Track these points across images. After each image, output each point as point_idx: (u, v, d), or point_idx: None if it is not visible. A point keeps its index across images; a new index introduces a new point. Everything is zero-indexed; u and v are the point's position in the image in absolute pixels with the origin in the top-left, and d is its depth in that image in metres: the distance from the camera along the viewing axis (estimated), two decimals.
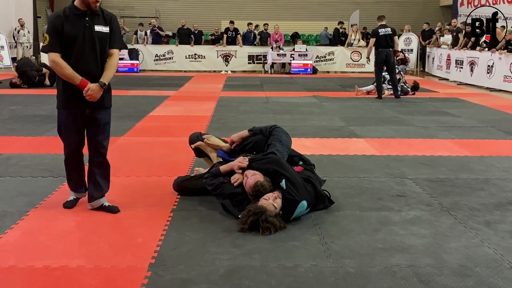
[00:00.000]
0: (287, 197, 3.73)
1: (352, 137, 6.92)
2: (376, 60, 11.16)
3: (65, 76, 3.69)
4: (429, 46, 18.01)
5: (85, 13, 3.72)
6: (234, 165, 4.01)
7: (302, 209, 3.78)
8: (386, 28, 11.05)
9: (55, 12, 3.91)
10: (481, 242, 3.50)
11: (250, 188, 3.77)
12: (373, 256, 3.24)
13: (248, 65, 18.47)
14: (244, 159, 3.98)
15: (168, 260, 3.15)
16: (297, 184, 3.80)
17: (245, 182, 3.82)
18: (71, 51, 3.70)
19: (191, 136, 4.68)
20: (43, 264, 3.08)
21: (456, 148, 6.32)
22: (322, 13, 22.50)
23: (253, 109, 9.42)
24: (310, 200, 3.85)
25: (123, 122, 7.77)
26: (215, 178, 4.03)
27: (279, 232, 3.57)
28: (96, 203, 3.98)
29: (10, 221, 3.76)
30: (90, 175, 3.98)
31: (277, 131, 4.26)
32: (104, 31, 3.81)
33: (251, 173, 3.84)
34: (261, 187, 3.72)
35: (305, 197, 3.79)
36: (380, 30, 11.02)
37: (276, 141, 4.14)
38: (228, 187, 3.94)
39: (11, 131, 7.07)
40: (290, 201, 3.73)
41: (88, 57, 3.74)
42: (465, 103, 10.66)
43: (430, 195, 4.48)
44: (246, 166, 3.92)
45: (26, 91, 11.59)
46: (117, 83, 13.40)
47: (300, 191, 3.78)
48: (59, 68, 3.68)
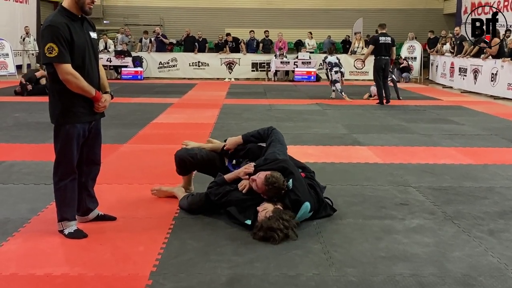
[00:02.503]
0: (292, 198, 3.74)
1: (355, 145, 6.90)
2: (376, 67, 11.46)
3: (81, 88, 3.45)
4: (433, 53, 18.02)
5: (80, 18, 3.51)
6: (240, 172, 4.00)
7: (305, 210, 3.78)
8: (387, 37, 11.33)
9: (53, 18, 3.42)
10: (485, 251, 3.47)
11: (262, 185, 3.73)
12: (376, 265, 3.22)
13: (251, 73, 18.51)
14: (249, 165, 3.98)
15: (169, 268, 3.13)
16: (302, 185, 3.84)
17: (255, 185, 3.81)
18: (83, 62, 3.49)
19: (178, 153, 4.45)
20: (44, 272, 3.07)
21: (460, 156, 6.30)
22: (325, 21, 22.58)
23: (256, 116, 9.42)
24: (313, 204, 3.85)
25: (126, 129, 7.78)
26: (221, 186, 4.00)
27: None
28: (92, 215, 3.90)
29: (12, 228, 3.75)
30: (83, 189, 3.77)
31: (275, 132, 4.30)
32: (95, 38, 3.67)
33: (257, 174, 3.84)
34: (273, 178, 3.70)
35: (308, 198, 3.82)
36: (381, 38, 11.31)
37: (276, 142, 4.18)
38: (235, 194, 3.92)
39: (15, 138, 7.09)
40: (295, 202, 3.74)
41: (93, 66, 3.61)
42: (469, 111, 10.64)
43: (433, 204, 4.46)
44: (252, 171, 3.91)
45: (30, 98, 11.62)
46: (121, 91, 13.46)
47: (304, 192, 3.80)
48: (75, 80, 3.40)
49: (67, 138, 3.52)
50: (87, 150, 3.71)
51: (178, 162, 4.35)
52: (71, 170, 3.60)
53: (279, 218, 3.57)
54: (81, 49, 3.47)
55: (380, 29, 11.59)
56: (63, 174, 3.58)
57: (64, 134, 3.52)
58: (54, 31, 3.34)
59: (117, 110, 9.68)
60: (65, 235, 3.60)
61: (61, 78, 3.40)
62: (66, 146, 3.54)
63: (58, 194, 3.62)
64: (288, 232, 3.55)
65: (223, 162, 4.36)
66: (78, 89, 3.45)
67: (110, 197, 4.50)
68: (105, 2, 23.80)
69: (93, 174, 3.84)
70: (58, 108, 3.50)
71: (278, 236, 3.50)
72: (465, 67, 14.91)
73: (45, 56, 3.36)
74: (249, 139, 4.33)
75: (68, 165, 3.57)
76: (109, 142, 6.79)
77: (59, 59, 3.36)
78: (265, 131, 4.31)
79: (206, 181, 4.39)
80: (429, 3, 23.70)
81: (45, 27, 3.38)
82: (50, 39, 3.34)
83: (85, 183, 3.79)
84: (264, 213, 3.66)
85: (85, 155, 3.71)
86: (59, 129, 3.54)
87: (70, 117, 3.50)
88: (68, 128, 3.51)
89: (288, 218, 3.61)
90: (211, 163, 4.34)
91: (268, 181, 3.70)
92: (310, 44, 19.83)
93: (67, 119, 3.50)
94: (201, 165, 4.36)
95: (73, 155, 3.57)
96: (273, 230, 3.51)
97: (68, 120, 3.51)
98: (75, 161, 3.60)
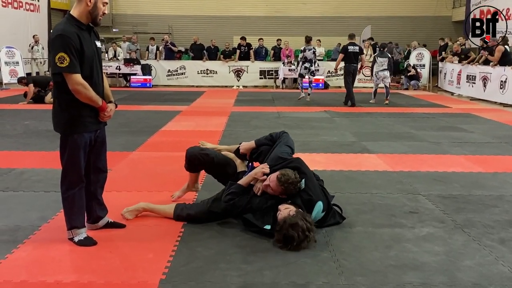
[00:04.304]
0: (304, 198, 3.77)
1: (364, 153, 6.89)
2: (346, 73, 12.88)
3: (90, 98, 3.44)
4: (444, 60, 17.98)
5: (88, 27, 3.50)
6: (256, 173, 4.00)
7: (319, 210, 3.80)
8: (355, 46, 12.79)
9: (64, 27, 3.38)
10: (496, 260, 3.45)
11: (277, 186, 3.78)
12: (386, 274, 3.20)
13: (259, 80, 18.54)
14: (265, 165, 4.01)
15: (179, 276, 3.14)
16: (314, 185, 3.88)
17: (270, 189, 3.85)
18: (91, 72, 3.48)
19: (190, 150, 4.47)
20: (54, 279, 3.08)
21: (469, 164, 6.26)
22: (334, 29, 22.58)
23: (264, 124, 9.43)
24: (326, 204, 3.87)
25: (135, 137, 7.81)
26: (240, 196, 3.96)
27: None
28: (102, 222, 3.92)
29: (23, 235, 3.78)
30: (92, 197, 3.80)
31: (285, 136, 4.37)
32: (100, 47, 3.68)
33: (268, 179, 3.87)
34: (284, 176, 3.75)
35: (321, 198, 3.85)
36: (350, 48, 12.68)
37: (282, 143, 4.24)
38: (254, 200, 3.93)
39: (25, 146, 7.14)
40: (307, 202, 3.77)
41: (99, 76, 3.62)
42: (478, 118, 10.59)
43: (443, 212, 4.44)
44: (268, 171, 3.94)
45: (40, 106, 11.70)
46: (130, 98, 13.54)
47: (316, 192, 3.84)
48: (85, 90, 3.40)
49: (75, 147, 3.52)
50: (94, 158, 3.73)
51: (188, 158, 4.36)
52: (79, 179, 3.60)
53: (302, 218, 3.59)
54: (89, 59, 3.47)
55: (349, 39, 12.82)
56: (71, 183, 3.58)
57: (71, 144, 3.52)
58: (65, 41, 3.32)
59: (126, 117, 9.74)
60: (75, 242, 3.62)
61: (71, 88, 3.39)
62: (73, 155, 3.53)
63: (66, 203, 3.62)
64: (309, 234, 3.54)
65: (235, 170, 4.37)
66: (87, 99, 3.45)
67: (120, 204, 4.51)
68: (115, 10, 23.97)
69: (101, 182, 3.86)
70: (65, 118, 3.49)
71: (298, 236, 3.49)
72: (473, 74, 14.86)
73: (56, 66, 3.34)
74: (262, 142, 4.38)
75: (75, 174, 3.57)
76: (119, 149, 6.83)
77: (70, 69, 3.34)
78: (277, 134, 4.39)
79: (214, 188, 4.39)
80: (437, 11, 23.63)
81: (55, 36, 3.34)
82: (62, 48, 3.31)
83: (94, 192, 3.81)
84: (288, 211, 3.68)
85: (92, 163, 3.73)
86: (66, 139, 3.53)
87: (78, 127, 3.50)
88: (76, 138, 3.51)
89: (311, 221, 3.63)
90: (223, 169, 4.36)
91: (281, 181, 3.75)
92: (318, 52, 19.83)
93: (75, 129, 3.50)
94: (212, 166, 4.35)
95: (80, 164, 3.57)
96: (296, 228, 3.49)
97: (75, 130, 3.50)
98: (82, 170, 3.61)
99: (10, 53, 16.79)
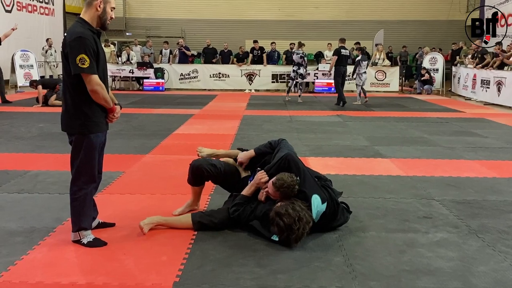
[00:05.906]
0: (299, 194, 3.79)
1: (377, 157, 6.87)
2: (336, 74, 13.81)
3: (105, 99, 3.53)
4: (458, 64, 17.87)
5: (97, 32, 3.60)
6: (257, 183, 4.02)
7: (317, 203, 3.80)
8: (346, 50, 13.85)
9: (82, 30, 3.47)
10: (510, 266, 3.42)
11: (275, 192, 3.81)
12: (400, 279, 3.19)
13: (271, 84, 18.55)
14: (261, 173, 4.02)
15: (192, 279, 3.15)
16: (307, 180, 3.88)
17: (269, 193, 3.88)
18: (103, 74, 3.60)
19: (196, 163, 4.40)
20: (69, 281, 3.11)
21: (484, 170, 6.22)
22: (346, 33, 22.53)
23: (276, 128, 9.44)
24: (326, 199, 3.87)
25: (148, 140, 7.86)
26: (245, 206, 3.98)
27: (303, 252, 3.57)
28: (95, 223, 3.95)
29: (38, 237, 3.81)
30: None
31: (284, 142, 4.34)
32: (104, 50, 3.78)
33: (266, 185, 3.92)
34: (279, 181, 3.78)
35: (316, 191, 3.85)
36: (342, 51, 13.66)
37: (284, 148, 4.21)
38: (260, 208, 3.95)
39: (39, 148, 7.21)
40: (303, 197, 3.78)
41: (107, 79, 3.71)
42: (492, 123, 10.50)
43: (457, 217, 4.41)
44: (267, 178, 3.96)
45: (54, 109, 11.81)
46: (143, 102, 13.62)
47: (310, 185, 3.85)
48: (103, 91, 3.50)
49: (91, 147, 3.59)
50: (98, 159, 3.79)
51: (194, 171, 4.29)
52: (93, 179, 3.68)
53: (290, 204, 3.65)
54: (102, 62, 3.58)
55: (341, 43, 13.79)
56: (84, 183, 3.64)
57: (87, 144, 3.58)
58: (84, 43, 3.41)
59: (140, 121, 9.79)
60: (84, 244, 3.64)
61: (90, 89, 3.46)
62: (89, 155, 3.60)
63: (77, 204, 3.64)
64: (300, 215, 3.58)
65: (240, 177, 4.37)
66: (102, 100, 3.53)
67: (134, 207, 4.55)
68: (128, 14, 24.17)
69: (98, 183, 3.89)
70: (81, 119, 3.54)
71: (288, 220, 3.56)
72: (488, 79, 14.75)
73: (77, 67, 3.40)
74: (262, 150, 4.35)
75: (89, 174, 3.64)
76: (132, 152, 6.88)
77: (91, 70, 3.43)
78: (275, 142, 4.36)
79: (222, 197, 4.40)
80: (451, 15, 23.53)
81: (74, 39, 3.41)
82: (83, 50, 3.40)
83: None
84: (278, 204, 3.76)
85: None
86: (82, 139, 3.57)
87: (94, 127, 3.58)
88: (92, 138, 3.58)
89: (301, 206, 3.67)
90: (231, 178, 4.35)
91: (277, 186, 3.78)
92: (330, 56, 19.82)
93: (91, 129, 3.56)
94: (220, 177, 4.32)
95: (95, 164, 3.65)
96: (283, 215, 3.58)
97: (92, 130, 3.57)
98: (96, 170, 3.69)
99: (25, 56, 16.98)
